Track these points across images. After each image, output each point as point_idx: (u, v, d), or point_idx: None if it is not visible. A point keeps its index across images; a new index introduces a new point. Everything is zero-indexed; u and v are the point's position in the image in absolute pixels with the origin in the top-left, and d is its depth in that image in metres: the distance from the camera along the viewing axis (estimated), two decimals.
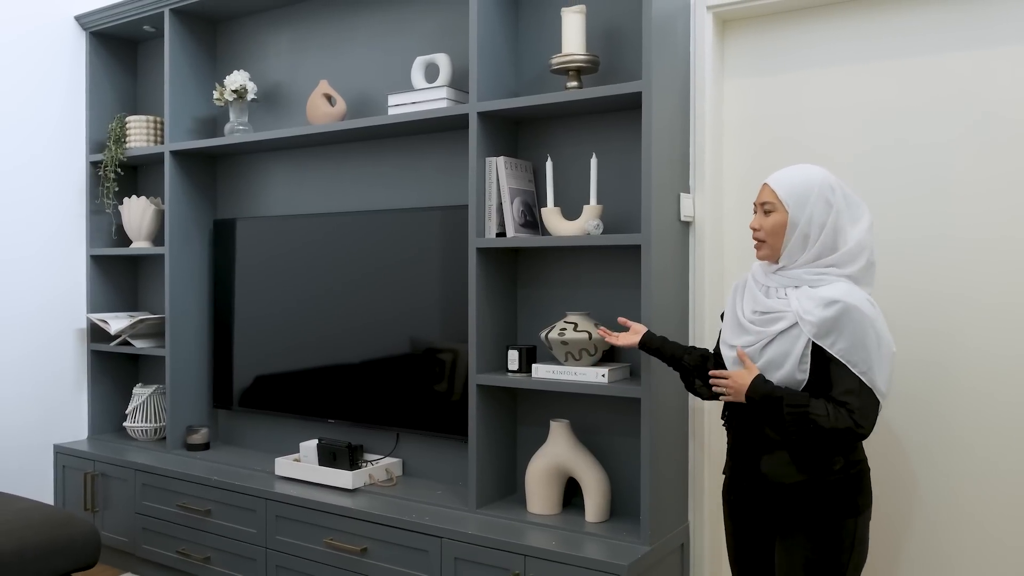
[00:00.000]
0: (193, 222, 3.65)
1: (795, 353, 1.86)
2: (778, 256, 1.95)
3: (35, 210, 3.70)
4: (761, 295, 1.98)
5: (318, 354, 3.29)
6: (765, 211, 1.94)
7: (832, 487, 1.88)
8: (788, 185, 1.92)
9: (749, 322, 1.97)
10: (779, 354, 1.89)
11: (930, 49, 2.38)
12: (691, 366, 2.21)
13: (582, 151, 2.77)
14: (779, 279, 1.96)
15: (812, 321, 1.84)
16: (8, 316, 3.60)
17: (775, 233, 1.92)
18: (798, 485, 1.89)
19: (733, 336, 2.01)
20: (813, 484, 1.88)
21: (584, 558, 2.31)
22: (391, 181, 3.21)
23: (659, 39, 2.42)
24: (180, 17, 3.57)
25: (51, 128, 3.75)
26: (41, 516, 2.83)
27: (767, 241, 1.94)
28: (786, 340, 1.88)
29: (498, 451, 2.81)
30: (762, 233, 1.94)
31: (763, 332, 1.92)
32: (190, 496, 3.23)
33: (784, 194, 1.91)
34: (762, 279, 2.01)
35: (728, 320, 2.06)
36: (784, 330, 1.89)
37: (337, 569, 2.82)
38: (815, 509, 1.88)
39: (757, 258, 2.00)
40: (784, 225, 1.91)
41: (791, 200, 1.91)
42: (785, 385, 1.89)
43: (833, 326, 1.82)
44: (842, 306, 1.82)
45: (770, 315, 1.93)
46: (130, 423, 3.75)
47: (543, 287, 2.85)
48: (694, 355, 2.21)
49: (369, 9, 3.25)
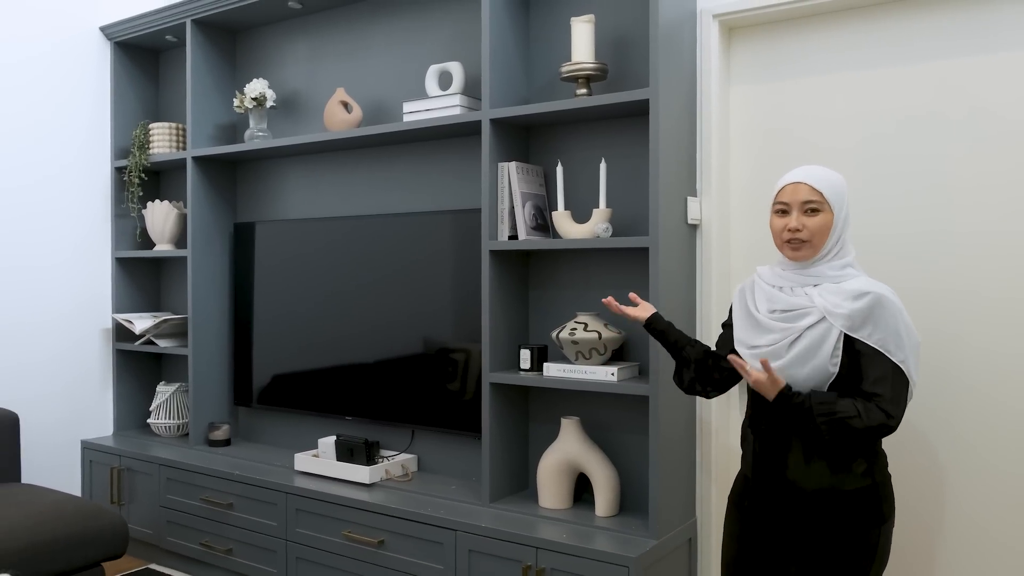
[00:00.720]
0: (214, 225, 3.75)
1: (827, 346, 1.84)
2: (816, 255, 1.92)
3: (66, 217, 3.83)
4: (778, 293, 1.95)
5: (335, 353, 3.39)
6: (809, 211, 1.89)
7: (857, 496, 1.87)
8: (829, 184, 1.89)
9: (770, 320, 1.93)
10: (809, 347, 1.86)
11: (931, 55, 2.44)
12: (691, 358, 2.16)
13: (591, 156, 2.85)
14: (797, 277, 1.93)
15: (844, 313, 1.83)
16: (40, 319, 3.73)
17: (822, 233, 1.88)
18: (823, 492, 1.88)
19: (752, 336, 1.97)
20: (838, 492, 1.87)
21: (594, 550, 2.39)
22: (405, 185, 3.30)
23: (666, 47, 2.50)
24: (201, 27, 3.68)
25: (79, 136, 3.87)
26: (72, 508, 2.94)
27: (811, 241, 1.89)
28: (815, 334, 1.85)
29: (510, 447, 2.90)
30: (806, 233, 1.89)
31: (790, 328, 1.88)
32: (213, 490, 3.34)
33: (829, 193, 1.89)
34: (773, 280, 1.98)
35: (742, 321, 2.02)
36: (811, 325, 1.86)
37: (355, 561, 2.91)
38: (840, 518, 1.87)
39: (794, 259, 1.93)
40: (830, 224, 1.89)
41: (835, 199, 1.89)
42: (815, 379, 1.86)
43: (867, 317, 1.82)
44: (873, 296, 1.82)
45: (795, 312, 1.90)
46: (154, 420, 3.86)
47: (554, 288, 2.93)
48: (697, 348, 2.17)
49: (384, 19, 3.35)
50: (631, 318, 2.25)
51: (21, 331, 3.66)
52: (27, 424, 3.69)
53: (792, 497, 1.93)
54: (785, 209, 1.93)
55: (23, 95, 3.66)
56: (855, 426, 1.80)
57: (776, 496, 1.97)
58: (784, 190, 1.93)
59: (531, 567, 2.50)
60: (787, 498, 1.94)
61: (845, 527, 1.87)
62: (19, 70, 3.64)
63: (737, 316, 2.05)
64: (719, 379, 2.16)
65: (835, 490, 1.88)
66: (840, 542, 1.87)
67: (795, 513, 1.93)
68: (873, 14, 2.52)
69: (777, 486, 1.96)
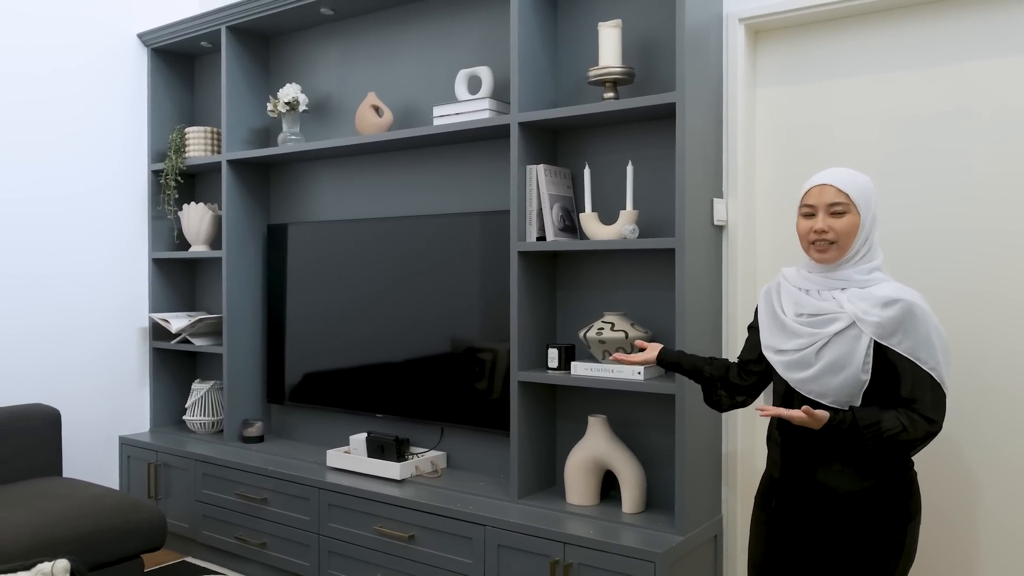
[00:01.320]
0: (248, 227, 3.84)
1: (858, 355, 1.84)
2: (842, 257, 1.92)
3: (108, 223, 3.95)
4: (805, 296, 1.95)
5: (366, 352, 3.46)
6: (835, 212, 1.89)
7: (887, 493, 1.88)
8: (856, 186, 1.90)
9: (798, 324, 1.93)
10: (841, 356, 1.86)
11: (956, 57, 2.46)
12: (715, 376, 2.19)
13: (618, 158, 2.89)
14: (824, 280, 1.93)
15: (875, 322, 1.83)
16: (82, 320, 3.84)
17: (848, 234, 1.89)
18: (853, 494, 1.89)
19: (779, 340, 1.97)
20: (866, 491, 1.88)
21: (620, 546, 2.43)
22: (435, 187, 3.36)
23: (692, 51, 2.54)
24: (236, 34, 3.77)
25: (119, 142, 3.98)
26: (113, 501, 3.03)
27: (838, 242, 1.90)
28: (845, 341, 1.86)
29: (538, 445, 2.95)
30: (832, 234, 1.89)
31: (817, 334, 1.88)
32: (247, 485, 3.42)
33: (856, 195, 1.89)
34: (799, 282, 1.98)
35: (768, 325, 2.01)
36: (840, 331, 1.86)
37: (386, 555, 2.98)
38: (871, 516, 1.88)
39: (820, 261, 1.93)
40: (857, 226, 1.89)
41: (861, 201, 1.90)
42: (848, 388, 1.86)
43: (898, 325, 1.82)
44: (904, 304, 1.82)
45: (823, 317, 1.90)
46: (189, 417, 3.96)
47: (581, 288, 2.98)
48: (716, 365, 2.19)
49: (414, 24, 3.41)
50: (641, 363, 2.28)
51: (64, 333, 3.78)
52: (68, 421, 3.80)
53: (822, 499, 1.94)
54: (811, 212, 1.93)
55: (68, 106, 3.77)
56: (903, 439, 1.81)
57: (805, 498, 1.98)
58: (810, 192, 1.94)
59: (559, 562, 2.55)
60: (816, 500, 1.95)
61: (873, 525, 1.88)
62: (63, 80, 3.75)
63: (763, 319, 2.04)
64: (748, 385, 2.17)
65: (863, 491, 1.89)
66: (868, 540, 1.88)
67: (824, 514, 1.94)
68: (897, 17, 2.54)
69: (807, 488, 1.97)
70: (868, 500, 1.89)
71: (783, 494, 2.03)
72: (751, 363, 2.15)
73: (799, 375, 1.92)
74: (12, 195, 3.60)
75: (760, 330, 2.05)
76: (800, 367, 1.92)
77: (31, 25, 3.65)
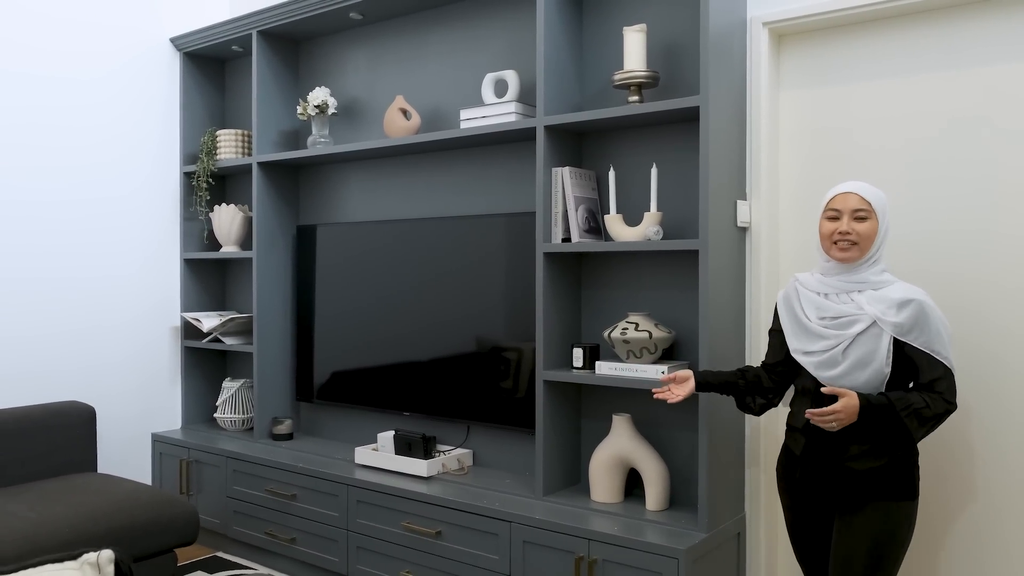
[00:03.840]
0: (278, 228, 3.91)
1: (881, 352, 2.06)
2: (862, 258, 2.12)
3: (143, 226, 4.04)
4: (824, 301, 2.15)
5: (393, 351, 3.51)
6: (858, 218, 2.10)
7: (896, 470, 2.08)
8: (876, 196, 2.12)
9: (822, 327, 2.13)
10: (865, 354, 2.07)
11: (980, 60, 2.47)
12: (749, 383, 2.34)
13: (643, 161, 2.92)
14: (841, 284, 2.14)
15: (894, 322, 2.05)
16: (117, 320, 3.93)
17: (868, 237, 2.10)
18: (870, 470, 2.09)
19: (806, 343, 2.17)
20: (881, 469, 2.08)
21: (644, 542, 2.47)
22: (462, 189, 3.41)
23: (716, 54, 2.57)
24: (266, 38, 3.85)
25: (153, 145, 4.07)
26: (147, 497, 3.11)
27: (859, 244, 2.11)
28: (868, 340, 2.07)
29: (563, 443, 2.99)
30: (855, 236, 2.10)
31: (842, 335, 2.10)
32: (277, 482, 3.49)
33: (876, 204, 2.12)
34: (817, 287, 2.18)
35: (793, 330, 2.22)
36: (862, 332, 2.08)
37: (413, 550, 3.03)
38: (882, 489, 2.07)
39: (843, 260, 2.12)
40: (876, 231, 2.11)
41: (880, 209, 2.12)
42: (874, 382, 2.08)
43: (914, 324, 2.05)
44: (917, 304, 2.06)
45: (844, 319, 2.11)
46: (220, 414, 4.04)
47: (606, 289, 3.02)
48: (748, 376, 2.36)
49: (442, 28, 3.47)
50: (686, 396, 2.32)
51: (99, 332, 3.87)
52: (103, 418, 3.90)
53: (840, 476, 2.13)
54: (836, 215, 2.14)
55: (103, 111, 3.87)
56: (925, 415, 2.04)
57: (825, 474, 2.16)
58: (836, 199, 2.16)
59: (583, 558, 2.59)
60: (836, 476, 2.14)
61: (886, 497, 2.07)
62: (98, 86, 3.85)
63: (786, 324, 2.24)
64: (777, 387, 2.36)
65: (876, 469, 2.09)
66: (880, 511, 2.07)
67: (842, 489, 2.13)
68: (922, 20, 2.56)
69: (827, 467, 2.16)
70: (880, 477, 2.08)
71: (805, 469, 2.21)
72: (777, 365, 2.34)
73: (829, 373, 2.12)
74: (49, 198, 3.70)
75: (785, 334, 2.25)
76: (829, 366, 2.12)
77: (67, 32, 3.74)
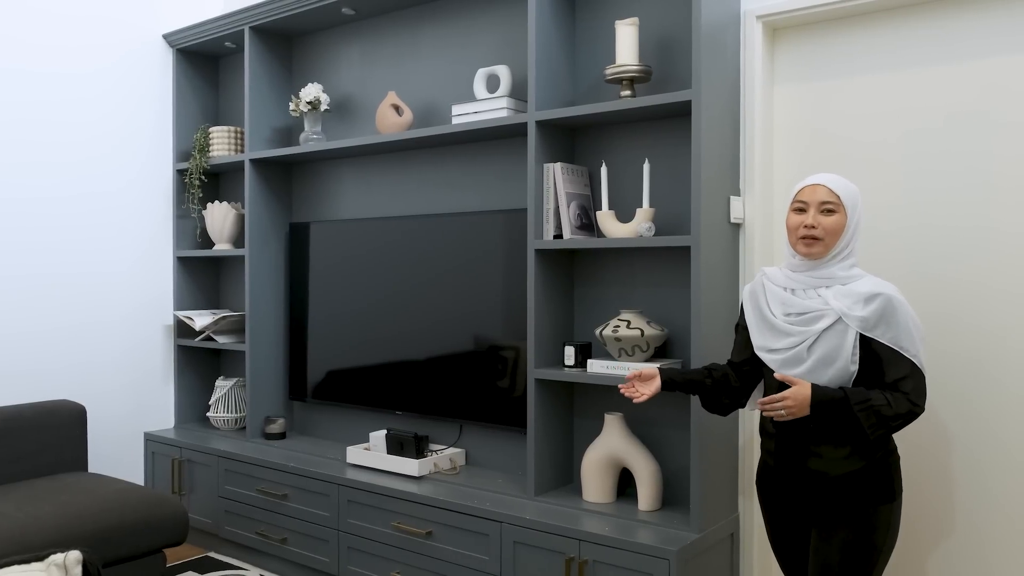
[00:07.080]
0: (270, 225, 3.89)
1: (846, 348, 1.96)
2: (827, 254, 2.03)
3: (135, 222, 4.01)
4: (790, 296, 2.06)
5: (386, 350, 3.49)
6: (825, 211, 2.00)
7: (870, 475, 1.98)
8: (845, 189, 2.02)
9: (787, 324, 2.04)
10: (830, 350, 1.97)
11: (976, 54, 2.43)
12: (716, 381, 2.23)
13: (635, 156, 2.89)
14: (807, 279, 2.04)
15: (859, 316, 1.95)
16: (108, 318, 3.91)
17: (834, 232, 2.00)
18: (846, 475, 1.99)
19: (770, 340, 2.08)
20: (858, 473, 1.98)
21: (636, 543, 2.44)
22: (454, 186, 3.38)
23: (709, 48, 2.54)
24: (259, 34, 3.82)
25: (145, 142, 4.05)
26: (137, 497, 3.09)
27: (824, 239, 2.00)
28: (833, 337, 1.97)
29: (555, 442, 2.96)
30: (820, 231, 2.00)
31: (807, 331, 2.00)
32: (268, 481, 3.46)
33: (845, 197, 2.02)
34: (784, 282, 2.08)
35: (757, 325, 2.12)
36: (827, 328, 1.98)
37: (404, 551, 3.00)
38: (855, 496, 1.98)
39: (807, 255, 2.03)
40: (843, 226, 2.01)
41: (849, 202, 2.02)
42: (839, 379, 1.98)
43: (880, 318, 1.95)
44: (884, 298, 1.95)
45: (809, 315, 2.01)
46: (213, 413, 4.01)
47: (598, 286, 2.98)
48: (716, 373, 2.25)
49: (434, 24, 3.44)
50: (652, 395, 2.24)
51: (90, 330, 3.84)
52: (94, 417, 3.87)
53: (815, 482, 2.04)
54: (803, 207, 2.05)
55: (95, 106, 3.84)
56: (885, 413, 1.93)
57: (799, 482, 2.08)
58: (803, 190, 2.06)
59: (574, 559, 2.56)
60: (810, 483, 2.05)
61: (859, 504, 1.98)
62: (90, 81, 3.82)
63: (751, 320, 2.15)
64: (742, 386, 2.27)
65: (853, 473, 1.99)
66: (854, 519, 1.99)
67: (817, 496, 2.04)
68: (917, 13, 2.52)
69: (800, 474, 2.07)
70: (857, 481, 1.99)
71: (779, 480, 2.13)
72: (744, 364, 2.26)
73: (793, 371, 2.03)
74: (40, 195, 3.67)
75: (750, 331, 2.15)
76: (794, 363, 2.03)
77: (59, 26, 3.72)
